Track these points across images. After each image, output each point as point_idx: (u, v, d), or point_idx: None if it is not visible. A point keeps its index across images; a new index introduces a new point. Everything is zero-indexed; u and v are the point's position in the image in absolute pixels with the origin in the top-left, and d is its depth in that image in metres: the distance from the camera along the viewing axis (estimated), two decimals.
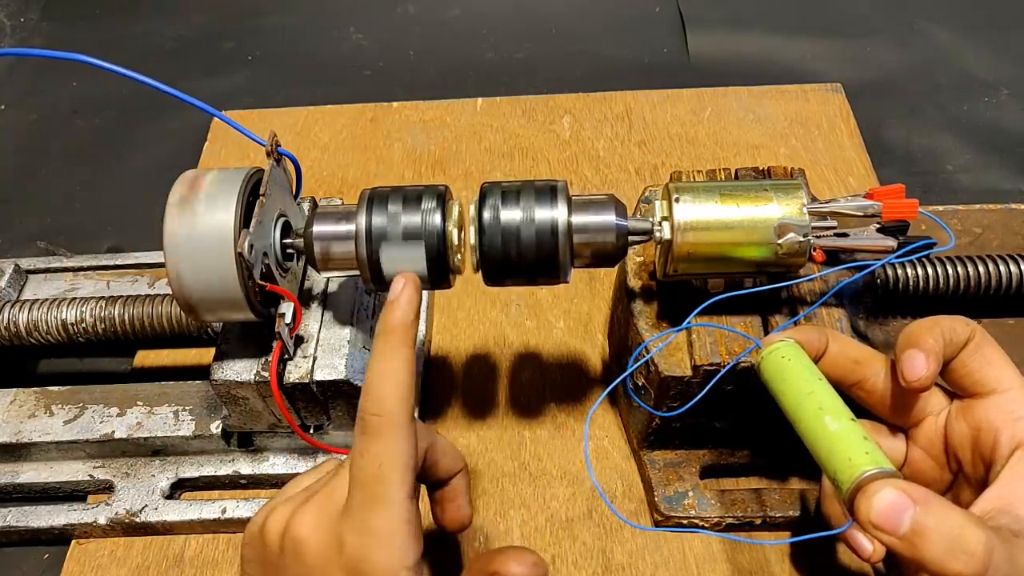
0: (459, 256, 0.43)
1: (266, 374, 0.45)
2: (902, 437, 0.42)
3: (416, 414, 0.47)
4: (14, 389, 0.55)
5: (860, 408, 0.41)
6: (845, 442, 0.35)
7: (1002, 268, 0.53)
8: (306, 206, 0.51)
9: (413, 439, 0.35)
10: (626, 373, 0.46)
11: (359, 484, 0.34)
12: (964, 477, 0.39)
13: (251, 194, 0.43)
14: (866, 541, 0.37)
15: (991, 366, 0.38)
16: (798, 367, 0.39)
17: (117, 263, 0.63)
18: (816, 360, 0.40)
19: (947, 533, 0.31)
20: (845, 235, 0.42)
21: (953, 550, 0.31)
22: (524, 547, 0.37)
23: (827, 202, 0.42)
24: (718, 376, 0.43)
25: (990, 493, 0.35)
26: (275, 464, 0.53)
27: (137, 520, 0.51)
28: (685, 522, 0.50)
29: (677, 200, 0.42)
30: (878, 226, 0.43)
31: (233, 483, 0.54)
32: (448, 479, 0.42)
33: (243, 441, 0.53)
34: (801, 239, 0.41)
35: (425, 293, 0.62)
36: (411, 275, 0.39)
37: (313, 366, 0.46)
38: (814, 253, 0.43)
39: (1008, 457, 0.36)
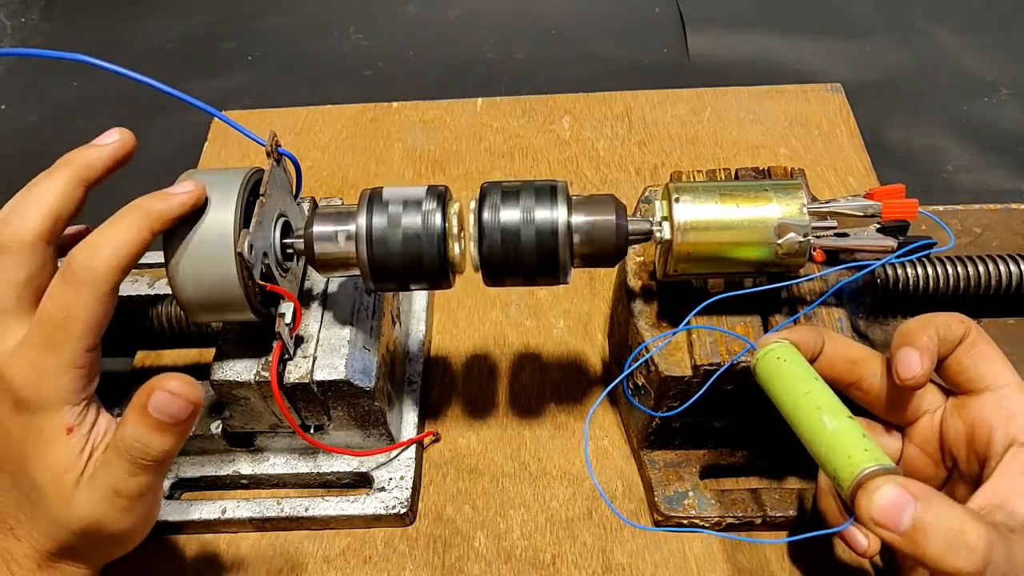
0: (459, 256, 0.43)
1: (266, 374, 0.45)
2: (898, 435, 0.42)
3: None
4: None
5: (856, 406, 0.41)
6: (844, 440, 0.35)
7: (1002, 268, 0.53)
8: (306, 206, 0.51)
9: (110, 307, 0.36)
10: (625, 373, 0.46)
11: (40, 323, 0.36)
12: (959, 474, 0.39)
13: (251, 194, 0.43)
14: (861, 536, 0.37)
15: (986, 363, 0.38)
16: (793, 367, 0.39)
17: None
18: (812, 360, 0.40)
19: (948, 529, 0.31)
20: (845, 235, 0.42)
21: (954, 546, 0.31)
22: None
23: (827, 202, 0.42)
24: (714, 377, 0.44)
25: (985, 489, 0.36)
26: (275, 464, 0.53)
27: None
28: (685, 522, 0.50)
29: (677, 200, 0.42)
30: (878, 226, 0.43)
31: (233, 483, 0.54)
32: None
33: (243, 441, 0.53)
34: (801, 239, 0.41)
35: (425, 293, 0.62)
36: (200, 189, 0.40)
37: (313, 366, 0.46)
38: (814, 253, 0.43)
39: (1002, 454, 0.36)
